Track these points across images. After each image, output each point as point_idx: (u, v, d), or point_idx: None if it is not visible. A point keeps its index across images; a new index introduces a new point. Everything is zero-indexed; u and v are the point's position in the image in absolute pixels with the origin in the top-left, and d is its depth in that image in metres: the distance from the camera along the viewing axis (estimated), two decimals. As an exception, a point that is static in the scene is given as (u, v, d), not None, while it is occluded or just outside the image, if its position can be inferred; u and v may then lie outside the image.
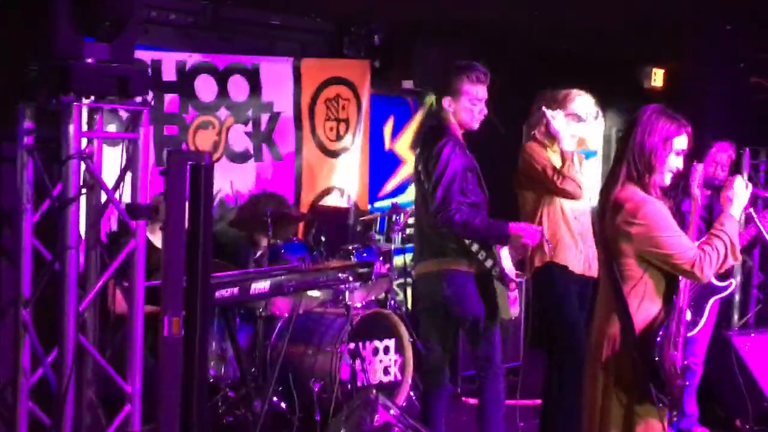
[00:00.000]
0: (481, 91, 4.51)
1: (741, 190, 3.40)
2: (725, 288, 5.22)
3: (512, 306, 4.50)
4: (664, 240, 3.25)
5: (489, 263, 4.41)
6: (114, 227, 5.06)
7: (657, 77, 7.77)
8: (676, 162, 3.36)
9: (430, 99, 7.84)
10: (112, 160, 3.77)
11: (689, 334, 4.91)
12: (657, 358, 3.25)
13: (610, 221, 3.35)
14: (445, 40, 7.11)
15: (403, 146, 7.79)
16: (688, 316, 4.68)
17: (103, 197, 3.60)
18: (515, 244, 4.42)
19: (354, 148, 7.18)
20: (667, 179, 3.37)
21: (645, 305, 3.32)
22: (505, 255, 4.48)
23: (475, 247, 4.40)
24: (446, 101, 4.53)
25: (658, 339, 3.26)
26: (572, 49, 7.09)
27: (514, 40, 7.25)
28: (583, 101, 4.80)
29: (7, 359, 3.60)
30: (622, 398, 3.33)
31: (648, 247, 3.27)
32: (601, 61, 7.02)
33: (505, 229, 4.38)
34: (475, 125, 4.56)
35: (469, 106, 4.50)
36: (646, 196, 3.32)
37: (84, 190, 3.48)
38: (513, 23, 6.88)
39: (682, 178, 3.48)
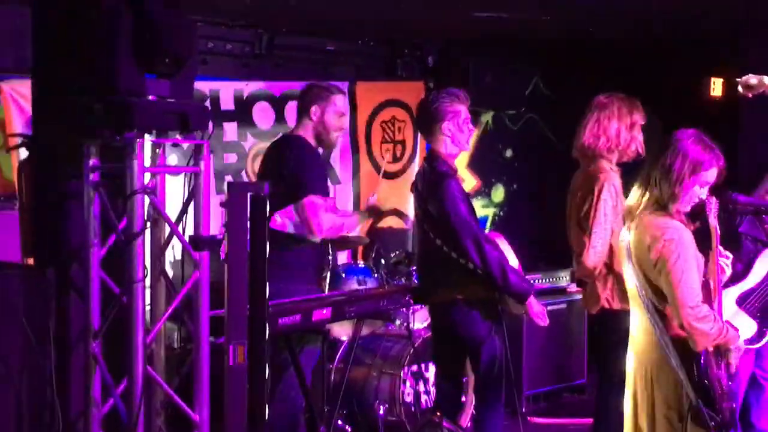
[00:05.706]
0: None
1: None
2: None
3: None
4: (676, 274, 3.18)
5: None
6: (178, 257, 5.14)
7: (716, 87, 7.64)
8: (700, 193, 3.27)
9: (486, 117, 7.84)
10: (174, 189, 3.86)
11: (756, 346, 4.81)
12: (704, 378, 3.21)
13: (638, 246, 3.30)
14: (498, 59, 7.11)
15: (460, 165, 7.77)
16: (754, 327, 4.59)
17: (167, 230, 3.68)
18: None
19: (411, 170, 7.20)
20: (687, 208, 3.29)
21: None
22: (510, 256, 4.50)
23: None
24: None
25: (702, 359, 3.22)
26: (629, 64, 7.04)
27: (569, 57, 7.21)
28: None
29: (78, 391, 3.68)
30: (672, 418, 3.29)
31: (661, 275, 3.23)
32: (658, 74, 6.95)
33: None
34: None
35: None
36: (671, 222, 3.25)
37: (148, 224, 3.56)
38: (566, 41, 6.85)
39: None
